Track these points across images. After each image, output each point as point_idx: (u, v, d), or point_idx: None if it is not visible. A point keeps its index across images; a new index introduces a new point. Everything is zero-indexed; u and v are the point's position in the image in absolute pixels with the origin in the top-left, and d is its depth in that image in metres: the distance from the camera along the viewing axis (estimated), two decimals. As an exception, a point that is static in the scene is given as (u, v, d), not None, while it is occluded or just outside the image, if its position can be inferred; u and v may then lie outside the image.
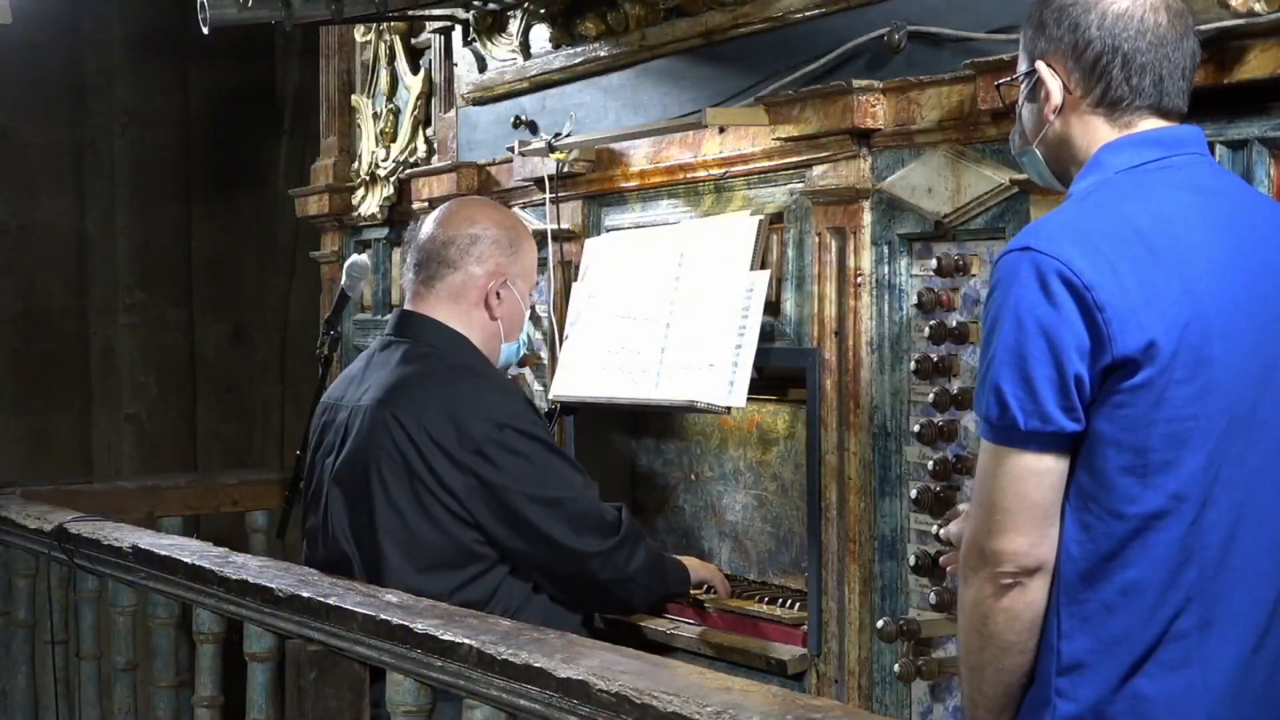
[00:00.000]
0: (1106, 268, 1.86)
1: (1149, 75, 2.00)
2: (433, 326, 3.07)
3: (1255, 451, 1.92)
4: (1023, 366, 1.88)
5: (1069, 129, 2.06)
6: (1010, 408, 1.89)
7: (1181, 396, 1.87)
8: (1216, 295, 1.90)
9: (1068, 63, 2.04)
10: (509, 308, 3.11)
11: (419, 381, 2.97)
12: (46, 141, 6.43)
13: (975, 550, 1.94)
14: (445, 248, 3.09)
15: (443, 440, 2.87)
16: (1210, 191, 1.99)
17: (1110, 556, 1.89)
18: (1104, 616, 1.90)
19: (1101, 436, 1.88)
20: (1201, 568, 1.89)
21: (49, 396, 6.47)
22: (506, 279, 3.09)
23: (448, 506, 2.88)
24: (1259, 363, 1.92)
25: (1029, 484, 1.90)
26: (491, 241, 3.09)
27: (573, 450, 3.59)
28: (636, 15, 3.44)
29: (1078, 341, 1.86)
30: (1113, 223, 1.91)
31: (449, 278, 3.08)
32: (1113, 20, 2.00)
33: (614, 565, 2.96)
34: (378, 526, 2.92)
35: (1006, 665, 1.95)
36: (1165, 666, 1.89)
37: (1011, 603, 1.92)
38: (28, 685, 4.25)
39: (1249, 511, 1.91)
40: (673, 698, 2.04)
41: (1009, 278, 1.91)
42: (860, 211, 2.83)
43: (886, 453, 2.80)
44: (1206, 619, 1.90)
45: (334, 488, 3.02)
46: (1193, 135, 2.05)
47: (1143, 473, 1.87)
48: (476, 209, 3.19)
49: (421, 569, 2.89)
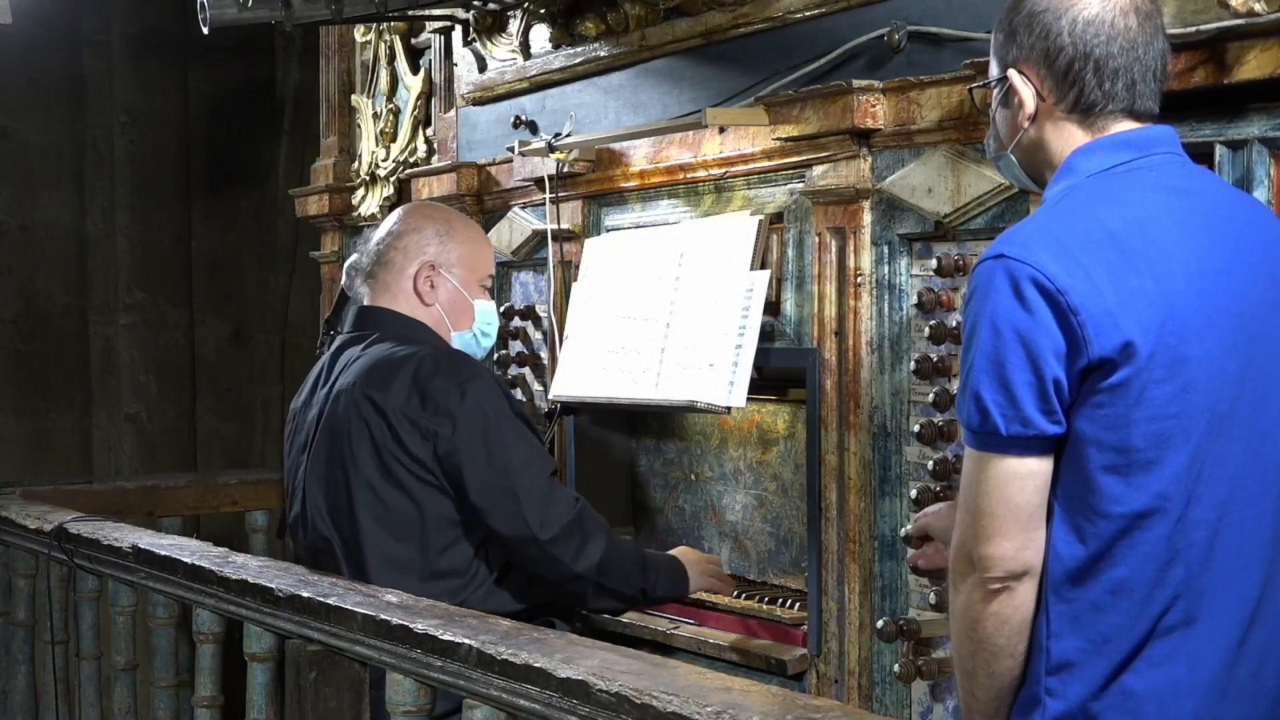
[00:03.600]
0: (1080, 271, 1.88)
1: (1121, 79, 2.02)
2: (388, 315, 3.18)
3: (1236, 449, 1.93)
4: (1001, 373, 1.90)
5: (1043, 135, 2.07)
6: (991, 414, 1.90)
7: (1161, 396, 1.88)
8: (1192, 295, 1.91)
9: (1040, 70, 2.04)
10: (446, 295, 3.20)
11: (387, 362, 3.03)
12: (46, 141, 6.44)
13: (963, 556, 1.96)
14: (380, 250, 3.24)
15: (408, 409, 2.95)
16: (1184, 191, 2.00)
17: (1098, 556, 1.90)
18: (1093, 615, 1.91)
19: (1083, 437, 1.90)
20: (1188, 565, 1.90)
21: (49, 396, 6.47)
22: (438, 266, 3.18)
23: (417, 475, 2.95)
24: (1237, 360, 1.93)
25: (1013, 488, 1.91)
26: (416, 232, 3.22)
27: (572, 450, 3.59)
28: (636, 15, 3.44)
29: (1054, 345, 1.88)
30: (1085, 226, 1.92)
31: (382, 275, 3.21)
32: (1083, 26, 2.01)
33: (554, 557, 2.95)
34: (354, 503, 2.98)
35: (998, 670, 1.97)
36: (1153, 663, 1.91)
37: (1000, 607, 1.94)
38: (28, 685, 4.25)
39: (1232, 508, 1.93)
40: (673, 698, 2.04)
41: (984, 286, 1.93)
42: (860, 211, 2.83)
43: (886, 453, 2.80)
44: (1193, 615, 1.91)
45: (310, 478, 3.09)
46: (1166, 135, 2.05)
47: (1126, 472, 1.89)
48: (410, 209, 3.36)
49: (399, 539, 2.96)
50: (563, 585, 3.02)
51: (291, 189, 5.09)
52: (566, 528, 2.95)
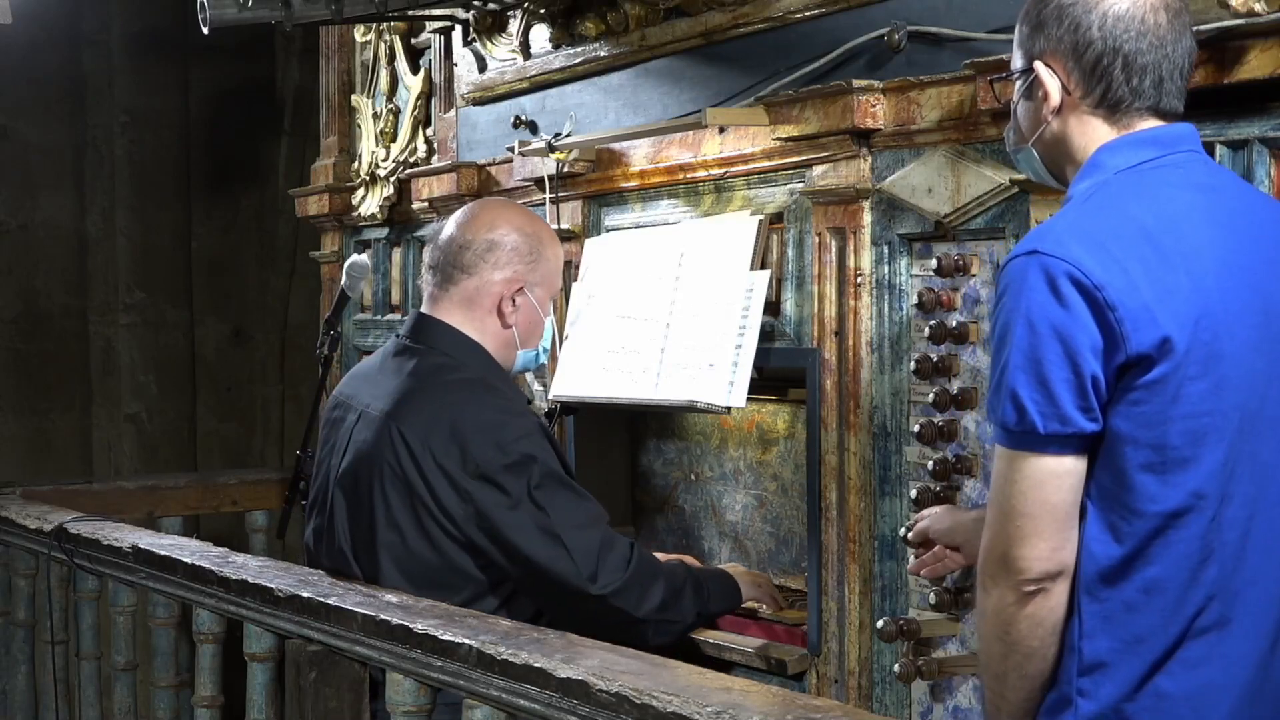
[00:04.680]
0: (1115, 267, 1.86)
1: (1149, 76, 2.00)
2: (447, 333, 2.99)
3: (1266, 447, 1.92)
4: (1038, 370, 1.88)
5: (1067, 129, 2.06)
6: (1028, 412, 1.88)
7: (1197, 392, 1.87)
8: (1223, 292, 1.90)
9: (1067, 63, 2.03)
10: (525, 316, 3.02)
11: (428, 396, 2.89)
12: (46, 141, 6.44)
13: (996, 559, 1.93)
14: (462, 252, 3.00)
15: (446, 463, 2.80)
16: (1209, 189, 2.00)
17: (1132, 555, 1.89)
18: (1126, 615, 1.90)
19: (1120, 435, 1.88)
20: (1221, 564, 1.89)
21: (49, 396, 6.47)
22: (524, 286, 3.00)
23: (446, 530, 2.81)
24: (1265, 359, 1.93)
25: (1049, 487, 1.89)
26: (510, 248, 2.99)
27: (572, 450, 3.59)
28: (636, 15, 3.44)
29: (1091, 341, 1.86)
30: (1118, 222, 1.91)
31: (463, 283, 2.99)
32: (1114, 21, 1.99)
33: (616, 609, 2.82)
34: (377, 542, 2.87)
35: (1030, 671, 1.95)
36: (1186, 665, 1.89)
37: (1035, 609, 1.92)
38: (28, 685, 4.25)
39: (1262, 508, 1.92)
40: (673, 698, 2.04)
41: (1018, 282, 1.90)
42: (860, 211, 2.83)
43: (886, 453, 2.80)
44: (1227, 616, 1.90)
45: (338, 493, 2.97)
46: (1188, 133, 2.05)
47: (1162, 470, 1.87)
48: (499, 212, 3.07)
49: (418, 588, 2.82)
50: (623, 633, 2.77)
51: (291, 189, 5.09)
52: (627, 580, 2.82)
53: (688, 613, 2.95)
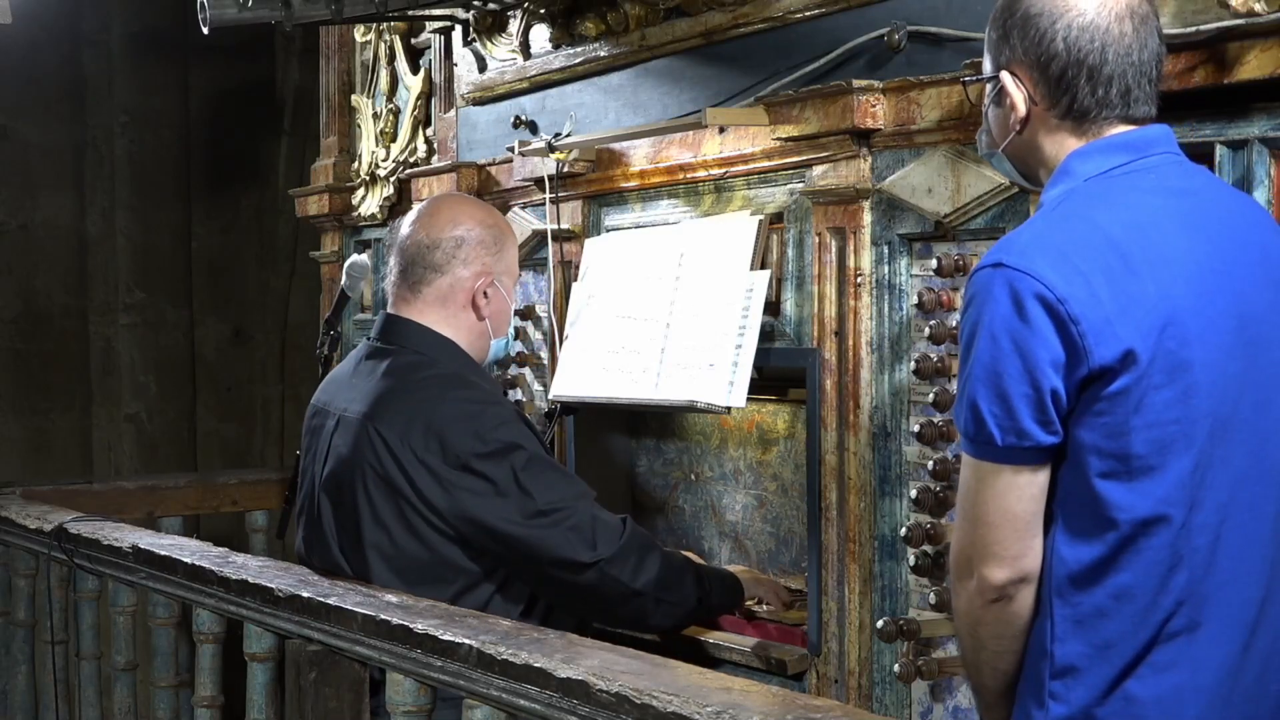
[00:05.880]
0: (1079, 279, 1.86)
1: (1116, 86, 1.99)
2: (418, 331, 3.01)
3: (1239, 452, 1.92)
4: (998, 383, 1.89)
5: (1036, 138, 2.06)
6: (987, 424, 1.90)
7: (1161, 401, 1.87)
8: (1193, 298, 1.90)
9: (1033, 74, 2.02)
10: (496, 305, 3.06)
11: (404, 394, 2.90)
12: (46, 141, 6.44)
13: (963, 561, 1.97)
14: (430, 251, 3.02)
15: (426, 457, 2.82)
16: (1182, 193, 1.99)
17: (1102, 561, 1.90)
18: (1096, 620, 1.91)
19: (1083, 445, 1.89)
20: (1191, 570, 1.90)
21: (49, 396, 6.47)
22: (493, 278, 3.05)
23: (432, 523, 2.83)
24: (1238, 363, 1.92)
25: (1010, 497, 1.92)
26: (476, 242, 3.03)
27: (572, 450, 3.59)
28: (636, 15, 3.44)
29: (1052, 356, 1.87)
30: (1084, 232, 1.91)
31: (436, 282, 3.02)
32: (1078, 32, 1.98)
33: (613, 577, 2.84)
34: (364, 542, 2.88)
35: (1002, 666, 2.00)
36: (1156, 669, 1.90)
37: (999, 613, 1.95)
38: (28, 685, 4.25)
39: (1233, 512, 1.92)
40: (673, 698, 2.04)
41: (983, 294, 1.91)
42: (860, 211, 2.83)
43: (886, 453, 2.80)
44: (1196, 621, 1.90)
45: (324, 499, 2.98)
46: (1162, 135, 2.03)
47: (1128, 479, 1.88)
48: (459, 208, 3.11)
49: (409, 584, 2.83)
50: (622, 607, 2.87)
51: (291, 189, 5.09)
52: (621, 548, 2.84)
53: (689, 596, 2.95)
